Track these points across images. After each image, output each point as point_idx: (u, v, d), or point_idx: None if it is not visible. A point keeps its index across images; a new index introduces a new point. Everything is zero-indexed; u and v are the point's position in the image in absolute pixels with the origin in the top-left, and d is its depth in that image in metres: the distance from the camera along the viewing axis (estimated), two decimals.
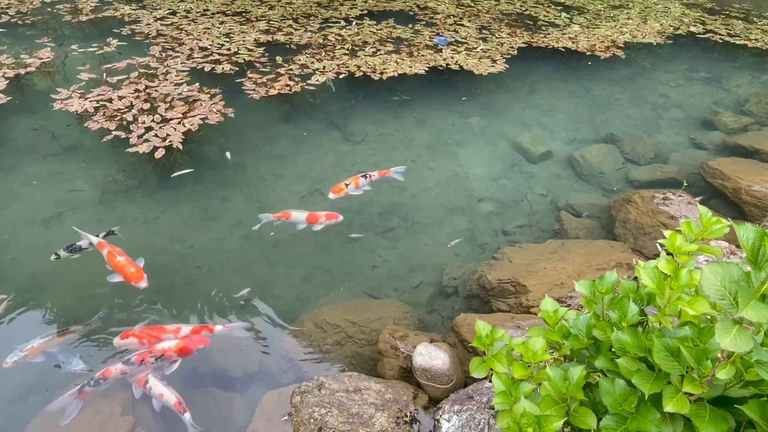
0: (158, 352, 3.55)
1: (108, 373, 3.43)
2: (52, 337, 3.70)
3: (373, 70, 7.13)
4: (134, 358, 3.50)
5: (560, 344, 2.09)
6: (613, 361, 1.78)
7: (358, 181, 5.18)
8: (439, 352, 3.31)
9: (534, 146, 6.41)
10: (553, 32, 8.87)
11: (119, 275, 4.14)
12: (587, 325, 1.93)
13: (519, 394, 1.93)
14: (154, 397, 3.44)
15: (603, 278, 1.99)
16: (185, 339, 3.68)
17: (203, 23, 8.26)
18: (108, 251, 4.26)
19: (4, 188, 5.29)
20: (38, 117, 6.20)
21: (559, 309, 2.08)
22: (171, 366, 3.57)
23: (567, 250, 4.49)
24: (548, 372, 1.86)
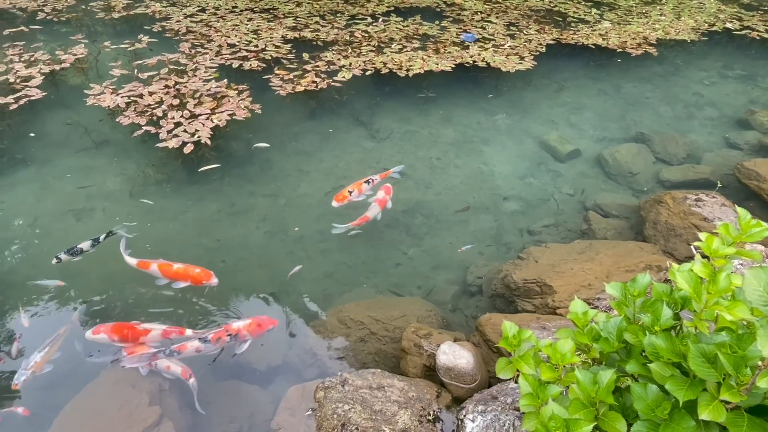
0: (233, 331, 3.65)
1: (183, 348, 3.56)
2: (49, 347, 3.65)
3: (399, 67, 7.11)
4: (210, 336, 3.61)
5: (589, 347, 2.05)
6: (645, 366, 1.73)
7: (361, 188, 5.05)
8: (463, 351, 3.29)
9: (561, 145, 6.31)
10: (582, 29, 8.71)
11: (184, 281, 4.09)
12: (618, 328, 1.89)
13: (546, 396, 1.90)
14: (161, 370, 3.53)
15: (635, 280, 1.94)
16: (257, 318, 3.78)
17: (231, 20, 8.35)
18: (157, 266, 4.14)
19: (39, 181, 5.43)
20: (72, 112, 6.35)
21: (589, 311, 2.04)
22: (242, 345, 3.66)
23: (595, 250, 4.41)
24: (577, 375, 1.82)
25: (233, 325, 3.72)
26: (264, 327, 3.79)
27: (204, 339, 3.62)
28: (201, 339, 3.62)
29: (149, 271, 4.15)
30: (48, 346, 3.66)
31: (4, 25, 7.99)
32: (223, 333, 3.66)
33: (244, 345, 3.68)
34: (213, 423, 3.42)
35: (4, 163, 5.62)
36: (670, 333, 1.72)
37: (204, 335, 3.65)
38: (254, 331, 3.73)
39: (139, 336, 3.67)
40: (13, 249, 4.72)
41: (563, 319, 3.60)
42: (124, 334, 3.67)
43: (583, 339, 1.97)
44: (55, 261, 4.27)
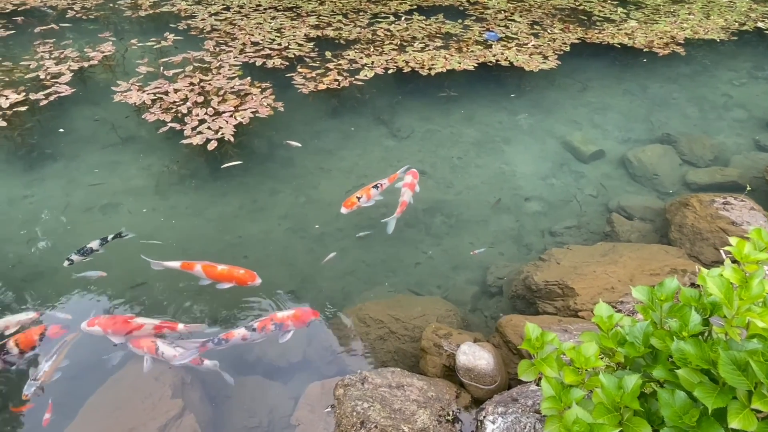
0: (278, 321, 3.74)
1: (230, 336, 3.65)
2: (57, 354, 3.65)
3: (421, 65, 7.09)
4: (256, 325, 3.69)
5: (614, 351, 2.02)
6: (672, 372, 1.71)
7: (369, 193, 4.98)
8: (483, 352, 3.27)
9: (585, 145, 6.23)
10: (608, 28, 8.58)
11: (228, 282, 4.11)
12: (644, 332, 1.86)
13: (569, 399, 1.88)
14: (169, 359, 3.58)
15: (662, 284, 1.91)
16: (300, 309, 3.88)
17: (255, 18, 8.42)
18: (201, 267, 4.15)
19: (67, 176, 5.56)
20: (99, 108, 6.48)
21: (614, 314, 2.01)
22: (286, 335, 3.74)
23: (618, 253, 4.35)
24: (601, 379, 1.80)
25: (278, 314, 3.81)
26: (307, 318, 3.89)
27: (250, 327, 3.70)
28: (247, 328, 3.71)
29: (193, 272, 4.17)
30: (55, 355, 3.64)
31: (35, 23, 8.18)
32: (269, 322, 3.74)
33: (288, 335, 3.77)
34: (233, 417, 3.46)
35: (34, 157, 5.76)
36: (699, 339, 1.69)
37: (251, 324, 3.73)
38: (298, 322, 3.83)
39: (132, 330, 3.73)
40: (41, 241, 4.84)
41: (586, 322, 3.56)
42: (117, 327, 3.74)
43: (608, 343, 1.95)
44: (67, 263, 4.26)
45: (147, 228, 4.98)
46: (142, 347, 3.62)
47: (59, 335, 3.85)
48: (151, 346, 3.60)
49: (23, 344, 3.74)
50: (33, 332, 3.80)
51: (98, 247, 4.41)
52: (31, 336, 3.78)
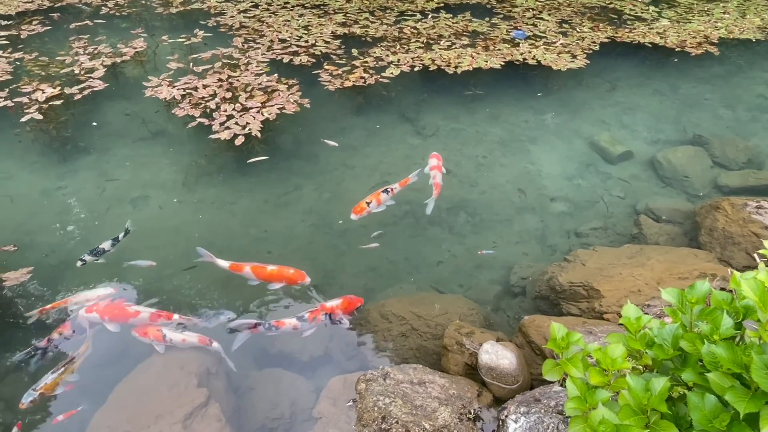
0: (328, 310, 3.84)
1: (281, 324, 3.76)
2: (64, 369, 3.61)
3: (447, 63, 7.07)
4: (307, 315, 3.79)
5: (641, 353, 2.00)
6: (702, 375, 1.68)
7: (379, 198, 4.88)
8: (506, 351, 3.26)
9: (613, 146, 6.14)
10: (639, 27, 8.43)
11: (278, 282, 4.15)
12: (674, 335, 1.83)
13: (594, 401, 1.86)
14: (177, 344, 3.67)
15: (694, 287, 1.88)
16: (347, 298, 3.98)
17: (283, 15, 8.50)
18: (250, 268, 4.18)
19: (98, 169, 5.70)
20: (130, 103, 6.63)
21: (642, 316, 1.99)
22: (342, 322, 3.87)
23: (646, 255, 4.28)
24: (629, 380, 1.78)
25: (327, 304, 3.89)
26: (354, 305, 3.99)
27: (301, 317, 3.79)
28: (298, 317, 3.80)
29: (243, 274, 4.20)
30: (63, 368, 3.62)
31: (71, 19, 8.40)
32: (318, 312, 3.84)
33: (344, 321, 3.88)
34: (257, 408, 3.52)
35: (68, 150, 5.92)
36: (731, 342, 1.66)
37: (302, 315, 3.82)
38: (346, 310, 3.92)
39: (129, 317, 3.82)
40: (73, 232, 4.97)
41: (611, 324, 3.51)
42: (114, 314, 3.84)
43: (636, 345, 1.92)
44: (80, 264, 4.29)
45: (175, 221, 5.08)
46: (149, 335, 3.72)
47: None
48: (157, 334, 3.70)
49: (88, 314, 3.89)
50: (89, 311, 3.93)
51: (110, 248, 4.45)
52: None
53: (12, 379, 3.79)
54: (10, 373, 3.83)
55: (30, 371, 3.78)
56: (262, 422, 3.49)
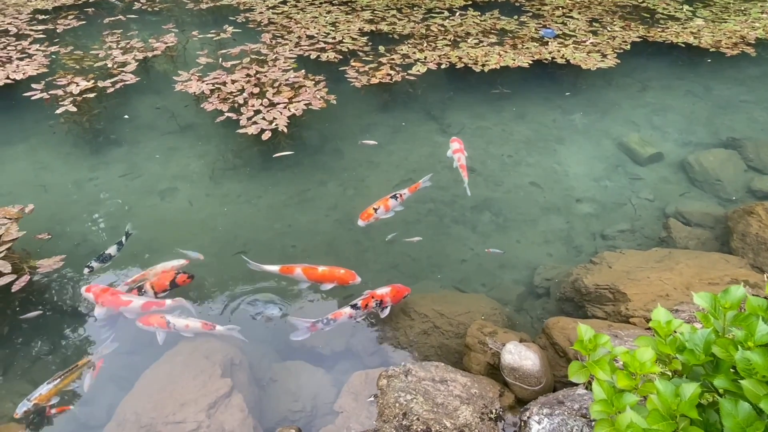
0: (378, 298, 3.92)
1: (338, 315, 3.83)
2: (60, 380, 3.57)
3: (474, 61, 7.02)
4: (360, 303, 3.87)
5: (671, 358, 1.96)
6: (735, 382, 1.64)
7: (387, 204, 4.81)
8: (529, 352, 3.23)
9: (642, 147, 6.02)
10: (672, 26, 8.24)
11: (330, 283, 4.16)
12: (706, 340, 1.79)
13: (621, 404, 1.84)
14: (181, 330, 3.76)
15: (727, 292, 1.84)
16: (396, 286, 4.03)
17: (311, 12, 8.54)
18: (301, 270, 4.17)
19: (129, 161, 5.82)
20: (160, 97, 6.75)
21: (673, 320, 1.95)
22: (384, 311, 3.93)
23: (674, 260, 4.19)
24: (658, 385, 1.75)
25: (377, 292, 3.96)
26: (402, 293, 4.03)
27: (355, 306, 3.86)
28: (352, 306, 3.86)
29: (294, 276, 4.21)
30: (59, 379, 3.57)
31: (105, 14, 8.58)
32: (370, 300, 3.91)
33: (386, 310, 3.93)
34: (279, 400, 3.56)
35: (100, 142, 6.06)
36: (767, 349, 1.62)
37: (355, 303, 3.89)
38: (394, 298, 3.98)
39: (119, 305, 3.93)
40: (103, 222, 5.09)
41: (637, 329, 3.45)
42: (106, 299, 3.94)
43: (665, 349, 1.89)
44: (87, 270, 4.31)
45: (201, 214, 5.17)
46: (152, 324, 3.81)
47: (186, 284, 4.16)
48: (161, 322, 3.79)
49: (157, 287, 4.11)
50: (165, 278, 4.13)
51: (116, 253, 4.47)
52: (163, 281, 4.12)
53: (42, 364, 3.91)
54: (39, 359, 3.94)
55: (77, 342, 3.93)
56: (284, 414, 3.53)
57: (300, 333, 3.79)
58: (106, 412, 3.56)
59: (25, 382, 3.79)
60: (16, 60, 6.94)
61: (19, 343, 3.98)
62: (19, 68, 6.72)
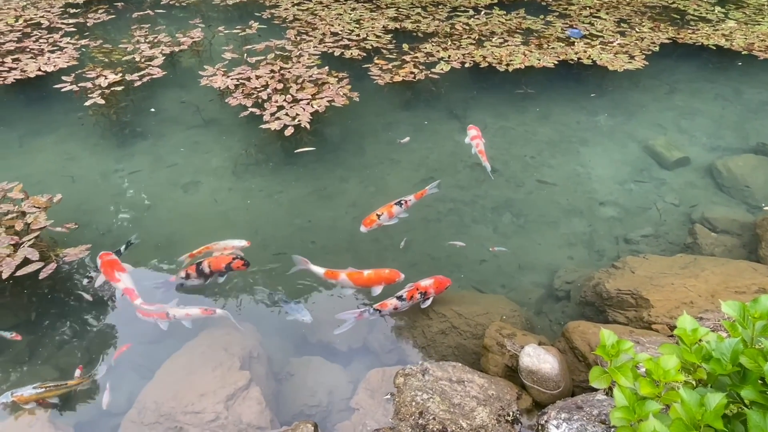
0: (423, 289, 3.95)
1: (384, 306, 3.87)
2: (45, 390, 3.51)
3: (498, 61, 6.97)
4: (405, 294, 3.90)
5: (696, 366, 1.92)
6: (763, 394, 1.60)
7: (391, 210, 4.65)
8: (548, 356, 3.20)
9: (669, 151, 5.91)
10: (703, 28, 8.06)
11: (377, 286, 4.09)
12: (733, 350, 1.76)
13: (644, 412, 1.81)
14: (182, 319, 3.82)
15: (758, 301, 1.79)
16: (438, 278, 4.05)
17: (336, 9, 8.56)
18: (346, 275, 4.10)
19: (153, 153, 5.91)
20: (186, 91, 6.84)
21: (699, 328, 1.91)
22: (426, 301, 3.96)
23: (700, 266, 4.10)
24: (682, 394, 1.72)
25: (421, 283, 3.98)
26: (444, 285, 4.05)
27: (401, 297, 3.89)
28: (398, 298, 3.89)
29: (338, 281, 4.13)
30: (44, 389, 3.51)
31: (133, 9, 8.72)
32: (415, 291, 3.93)
33: (428, 301, 3.96)
34: (296, 394, 3.58)
35: (126, 134, 6.17)
36: None
37: (400, 294, 3.92)
38: (437, 289, 4.01)
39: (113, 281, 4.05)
40: (127, 213, 5.18)
41: (660, 335, 3.39)
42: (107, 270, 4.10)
43: (691, 357, 1.85)
44: (86, 281, 4.30)
45: (223, 207, 5.22)
46: (152, 315, 3.87)
47: (239, 269, 4.17)
48: (160, 314, 3.85)
49: (213, 266, 4.13)
50: (222, 260, 4.15)
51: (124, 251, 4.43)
52: (220, 262, 4.14)
53: (67, 350, 4.00)
54: (64, 345, 4.04)
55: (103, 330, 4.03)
56: (300, 408, 3.56)
57: (346, 324, 3.80)
58: (126, 399, 3.63)
59: (50, 368, 3.88)
60: (48, 52, 7.09)
61: (44, 329, 4.08)
62: (51, 60, 6.87)
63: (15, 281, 4.11)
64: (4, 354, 3.92)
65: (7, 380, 3.75)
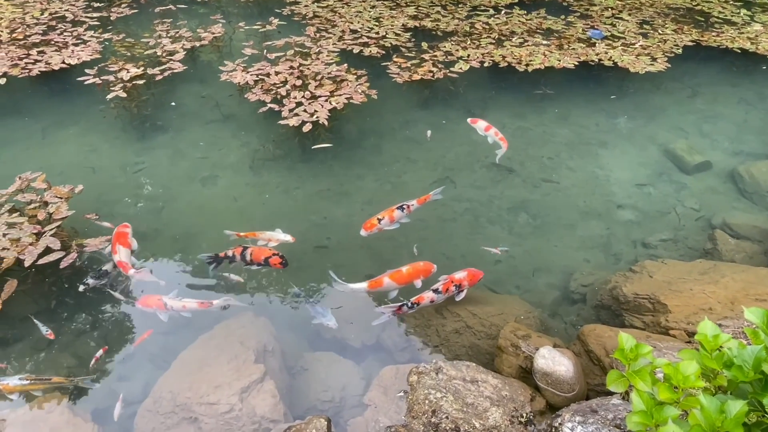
0: (457, 281, 4.00)
1: (420, 300, 3.89)
2: (30, 382, 3.53)
3: (518, 61, 6.92)
4: (441, 287, 3.95)
5: (716, 373, 1.90)
6: None
7: (393, 215, 4.56)
8: (563, 358, 3.18)
9: (690, 155, 5.83)
10: (728, 30, 7.93)
11: (417, 279, 4.11)
12: (756, 357, 1.73)
13: (662, 417, 1.79)
14: (179, 311, 3.89)
15: None
16: (471, 270, 4.11)
17: (355, 6, 8.57)
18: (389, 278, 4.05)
19: (173, 147, 5.97)
20: (206, 86, 6.89)
21: (720, 335, 1.89)
22: (461, 294, 4.01)
23: (719, 273, 4.05)
24: (702, 400, 1.70)
25: (456, 276, 4.02)
26: (477, 277, 4.10)
27: (437, 290, 3.93)
28: (434, 291, 3.93)
29: (384, 288, 4.04)
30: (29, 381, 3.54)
31: (156, 3, 8.81)
32: (450, 284, 3.97)
33: (462, 294, 4.01)
34: (309, 389, 3.61)
35: (147, 128, 6.24)
36: None
37: (436, 287, 3.95)
38: (470, 281, 4.05)
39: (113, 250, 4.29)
40: (146, 205, 5.24)
41: (677, 341, 3.35)
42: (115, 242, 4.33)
43: (711, 363, 1.83)
44: (82, 288, 4.18)
45: (240, 202, 5.27)
46: (151, 306, 3.95)
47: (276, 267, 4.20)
48: (159, 303, 3.92)
49: (254, 256, 4.21)
50: (263, 252, 4.20)
51: (112, 269, 4.27)
52: (260, 254, 4.20)
53: (83, 340, 4.08)
54: (82, 334, 4.11)
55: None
56: (313, 403, 3.58)
57: (384, 317, 3.84)
58: (142, 389, 3.69)
59: (67, 355, 3.95)
60: (72, 45, 7.20)
61: (64, 318, 4.15)
62: (74, 53, 6.97)
63: (37, 269, 4.19)
64: (25, 340, 4.00)
65: (25, 366, 3.83)
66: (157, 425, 3.25)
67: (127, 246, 4.39)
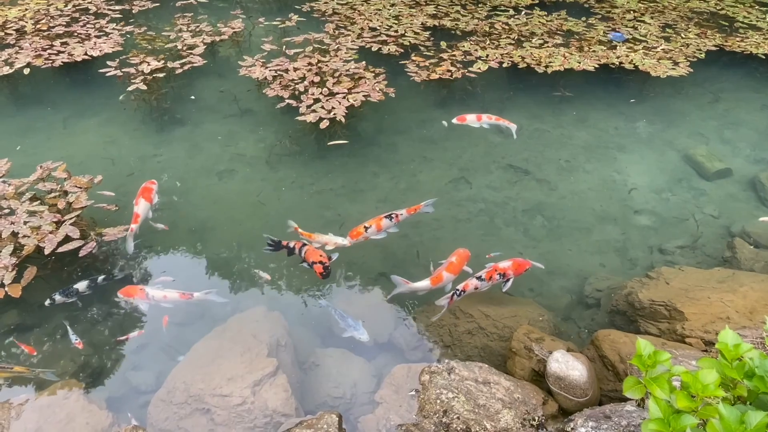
0: (501, 270, 4.03)
1: (466, 287, 3.92)
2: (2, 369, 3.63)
3: (537, 62, 6.87)
4: (484, 275, 3.97)
5: (736, 383, 1.87)
6: None
7: (380, 224, 4.48)
8: (576, 362, 3.16)
9: (710, 161, 5.75)
10: (752, 36, 7.80)
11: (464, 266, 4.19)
12: None
13: (680, 425, 1.77)
14: (159, 301, 3.96)
15: None
16: (517, 260, 4.15)
17: (375, 4, 8.56)
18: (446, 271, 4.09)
19: (191, 140, 6.02)
20: (225, 80, 6.94)
21: (742, 344, 1.86)
22: (507, 283, 4.04)
23: (738, 281, 3.99)
24: (721, 410, 1.68)
25: (500, 265, 4.04)
26: (523, 267, 4.12)
27: (479, 278, 3.95)
28: (478, 278, 3.95)
29: (444, 281, 4.07)
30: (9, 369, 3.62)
31: None
32: (494, 272, 4.00)
33: (509, 283, 4.04)
34: (321, 384, 3.62)
35: (165, 121, 6.30)
36: None
37: (479, 275, 3.97)
38: (516, 270, 4.05)
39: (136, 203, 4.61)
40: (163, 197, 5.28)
41: (693, 349, 3.31)
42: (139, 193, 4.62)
43: (732, 373, 1.81)
44: (48, 302, 4.05)
45: (258, 197, 5.29)
46: (133, 296, 4.02)
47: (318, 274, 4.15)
48: (141, 293, 4.00)
49: (307, 255, 4.20)
50: (315, 255, 4.16)
51: (85, 289, 4.14)
52: (312, 255, 4.18)
53: (99, 329, 4.14)
54: (97, 324, 4.16)
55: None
56: (324, 399, 3.60)
57: (444, 310, 3.86)
58: (155, 379, 3.73)
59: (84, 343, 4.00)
60: (94, 37, 7.29)
61: (78, 306, 4.21)
62: (96, 45, 7.05)
63: (56, 257, 4.25)
64: (41, 327, 4.06)
65: (41, 351, 3.90)
66: (170, 415, 3.29)
67: (149, 200, 4.68)
